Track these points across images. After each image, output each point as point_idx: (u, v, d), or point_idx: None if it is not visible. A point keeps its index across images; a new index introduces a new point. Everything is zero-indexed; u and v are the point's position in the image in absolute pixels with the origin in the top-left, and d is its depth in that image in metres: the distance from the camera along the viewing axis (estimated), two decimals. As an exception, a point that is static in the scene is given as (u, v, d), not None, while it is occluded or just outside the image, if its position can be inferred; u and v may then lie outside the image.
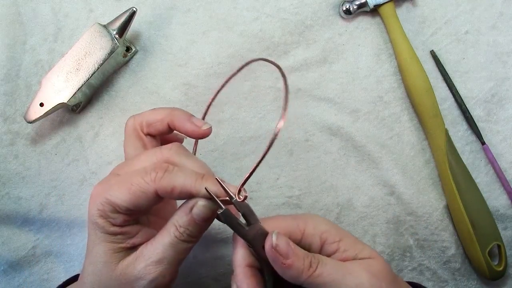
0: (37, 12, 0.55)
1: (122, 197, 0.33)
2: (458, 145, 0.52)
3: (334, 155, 0.53)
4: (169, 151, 0.36)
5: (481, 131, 0.52)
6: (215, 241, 0.52)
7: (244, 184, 0.33)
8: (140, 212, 0.35)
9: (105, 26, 0.50)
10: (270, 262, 0.33)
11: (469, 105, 0.53)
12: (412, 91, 0.51)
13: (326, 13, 0.54)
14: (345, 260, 0.34)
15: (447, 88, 0.53)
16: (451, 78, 0.53)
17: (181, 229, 0.34)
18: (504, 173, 0.52)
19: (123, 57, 0.54)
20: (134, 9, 0.50)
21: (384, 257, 0.51)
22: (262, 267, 0.35)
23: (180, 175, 0.33)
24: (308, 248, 0.35)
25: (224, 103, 0.53)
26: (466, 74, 0.53)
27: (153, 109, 0.40)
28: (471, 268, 0.52)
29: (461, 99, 0.53)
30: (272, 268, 0.33)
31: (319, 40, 0.54)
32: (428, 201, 0.52)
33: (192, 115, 0.39)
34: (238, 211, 0.33)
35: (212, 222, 0.35)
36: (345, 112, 0.53)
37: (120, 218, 0.34)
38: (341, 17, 0.54)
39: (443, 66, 0.53)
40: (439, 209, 0.52)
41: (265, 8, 0.54)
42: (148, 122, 0.39)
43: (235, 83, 0.54)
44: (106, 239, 0.34)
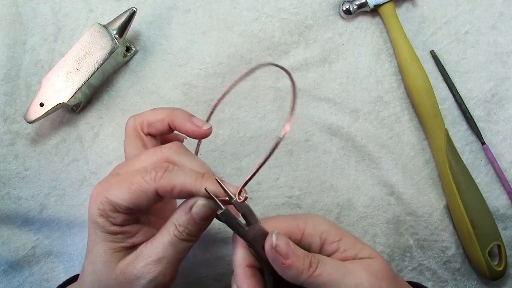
0: (37, 12, 0.55)
1: (122, 196, 0.33)
2: (458, 145, 0.52)
3: (334, 155, 0.53)
4: (169, 150, 0.36)
5: (481, 131, 0.52)
6: (215, 241, 0.52)
7: (245, 185, 0.33)
8: (140, 212, 0.35)
9: (105, 26, 0.50)
10: (270, 262, 0.33)
11: (469, 105, 0.53)
12: (412, 91, 0.51)
13: (326, 13, 0.54)
14: (345, 260, 0.34)
15: (447, 88, 0.53)
16: (451, 78, 0.53)
17: (181, 228, 0.34)
18: (504, 173, 0.52)
19: (123, 57, 0.54)
20: (134, 9, 0.50)
21: (384, 257, 0.51)
22: (262, 267, 0.35)
23: (180, 174, 0.33)
24: (308, 248, 0.35)
25: (224, 103, 0.53)
26: (466, 74, 0.53)
27: (154, 109, 0.40)
28: (471, 268, 0.52)
29: (461, 99, 0.53)
30: (272, 268, 0.33)
31: (319, 40, 0.54)
32: (428, 201, 0.52)
33: (192, 115, 0.39)
34: (238, 212, 0.33)
35: (211, 221, 0.35)
36: (345, 112, 0.53)
37: (120, 217, 0.34)
38: (341, 17, 0.54)
39: (443, 66, 0.53)
40: (439, 209, 0.52)
41: (265, 8, 0.54)
42: (149, 122, 0.39)
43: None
44: (106, 238, 0.34)
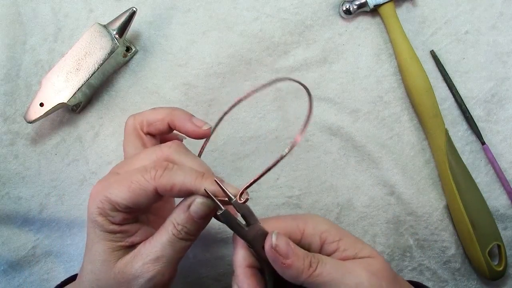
0: (37, 12, 0.55)
1: (122, 195, 0.33)
2: (458, 145, 0.52)
3: (334, 155, 0.53)
4: (168, 149, 0.36)
5: (481, 131, 0.52)
6: (215, 241, 0.52)
7: (247, 188, 0.33)
8: (140, 210, 0.35)
9: (105, 26, 0.50)
10: (270, 262, 0.33)
11: (469, 105, 0.53)
12: (412, 91, 0.51)
13: (326, 13, 0.54)
14: (345, 260, 0.34)
15: (447, 88, 0.53)
16: (451, 78, 0.53)
17: (179, 227, 0.34)
18: (504, 173, 0.52)
19: (123, 57, 0.54)
20: (134, 9, 0.50)
21: (384, 257, 0.51)
22: (262, 268, 0.35)
23: (179, 173, 0.33)
24: (308, 248, 0.35)
25: (224, 103, 0.53)
26: (466, 74, 0.53)
27: (154, 108, 0.40)
28: (471, 268, 0.52)
29: (461, 99, 0.53)
30: (272, 268, 0.33)
31: (319, 40, 0.54)
32: (428, 201, 0.52)
33: (192, 115, 0.39)
34: (238, 212, 0.33)
35: (210, 220, 0.35)
36: (345, 112, 0.53)
37: (119, 216, 0.34)
38: (341, 17, 0.54)
39: (443, 66, 0.53)
40: (439, 209, 0.52)
41: (265, 8, 0.54)
42: (149, 122, 0.39)
43: (235, 83, 0.54)
44: (105, 237, 0.34)
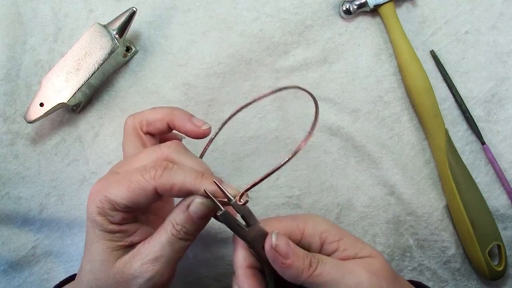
0: (37, 12, 0.55)
1: (121, 194, 0.33)
2: (458, 145, 0.52)
3: (334, 155, 0.53)
4: (168, 148, 0.36)
5: (481, 131, 0.52)
6: (215, 241, 0.52)
7: (247, 191, 0.33)
8: (139, 210, 0.35)
9: (105, 26, 0.50)
10: (270, 262, 0.33)
11: (469, 105, 0.53)
12: (412, 91, 0.51)
13: (326, 13, 0.54)
14: (345, 259, 0.34)
15: (447, 88, 0.53)
16: (451, 78, 0.53)
17: (178, 227, 0.34)
18: (504, 173, 0.52)
19: (123, 57, 0.54)
20: (134, 9, 0.50)
21: (384, 257, 0.51)
22: (263, 268, 0.35)
23: (179, 173, 0.33)
24: (308, 248, 0.35)
25: (224, 103, 0.53)
26: (466, 74, 0.53)
27: (153, 108, 0.40)
28: (471, 268, 0.52)
29: (461, 99, 0.53)
30: (273, 269, 0.33)
31: (319, 40, 0.54)
32: (428, 201, 0.52)
33: (192, 115, 0.39)
34: (237, 213, 0.33)
35: (209, 220, 0.35)
36: (345, 112, 0.53)
37: (118, 216, 0.34)
38: (341, 17, 0.54)
39: (443, 66, 0.53)
40: (439, 209, 0.52)
41: (265, 8, 0.54)
42: (148, 121, 0.39)
43: (235, 83, 0.54)
44: (104, 237, 0.34)
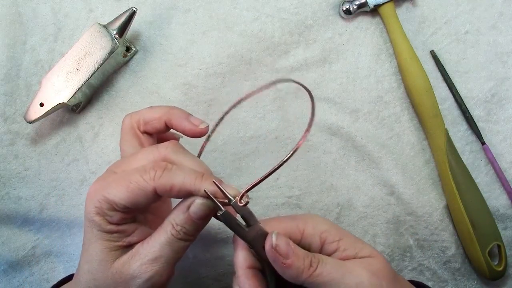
0: (37, 12, 0.55)
1: (120, 195, 0.33)
2: (458, 145, 0.52)
3: (334, 155, 0.53)
4: (166, 149, 0.36)
5: (481, 131, 0.52)
6: (215, 241, 0.52)
7: (247, 191, 0.33)
8: (138, 210, 0.35)
9: (105, 26, 0.50)
10: (271, 262, 0.33)
11: (469, 105, 0.53)
12: (412, 91, 0.51)
13: (326, 13, 0.54)
14: (345, 259, 0.34)
15: (447, 88, 0.53)
16: (451, 78, 0.53)
17: (178, 228, 0.34)
18: (504, 173, 0.52)
19: (123, 57, 0.54)
20: (134, 9, 0.50)
21: (384, 257, 0.51)
22: (263, 268, 0.35)
23: (179, 174, 0.33)
24: (308, 248, 0.35)
25: (224, 103, 0.53)
26: (466, 74, 0.53)
27: (151, 107, 0.40)
28: (471, 268, 0.52)
29: (461, 99, 0.53)
30: (273, 269, 0.33)
31: (319, 40, 0.54)
32: (428, 201, 0.52)
33: (189, 114, 0.39)
34: (237, 213, 0.33)
35: (209, 220, 0.35)
36: (345, 112, 0.53)
37: (117, 216, 0.34)
38: (341, 17, 0.54)
39: (443, 66, 0.53)
40: (439, 209, 0.52)
41: (265, 8, 0.54)
42: (145, 120, 0.39)
43: (235, 83, 0.54)
44: (103, 237, 0.34)
